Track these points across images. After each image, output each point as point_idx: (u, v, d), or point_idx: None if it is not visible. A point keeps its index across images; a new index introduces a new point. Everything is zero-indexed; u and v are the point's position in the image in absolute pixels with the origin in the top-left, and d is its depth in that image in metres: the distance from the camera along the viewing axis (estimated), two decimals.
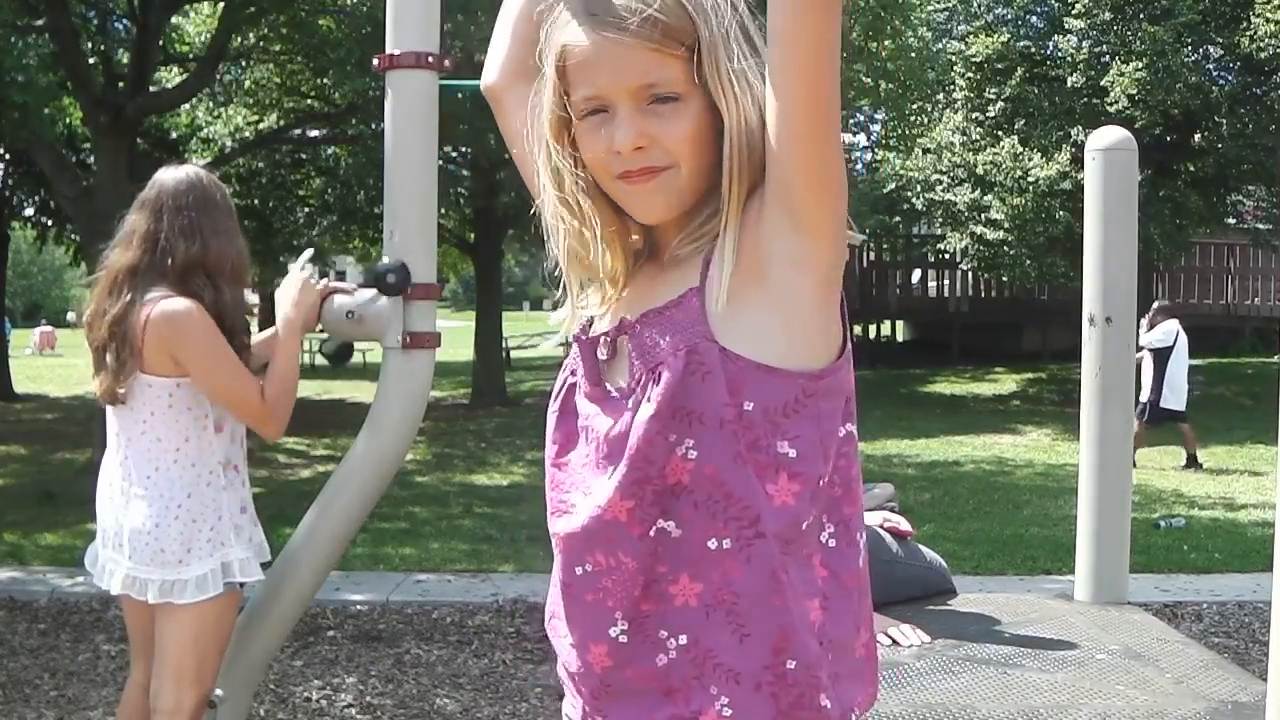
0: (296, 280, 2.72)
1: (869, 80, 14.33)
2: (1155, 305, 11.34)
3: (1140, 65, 13.35)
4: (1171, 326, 10.82)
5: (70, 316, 38.22)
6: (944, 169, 15.68)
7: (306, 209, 18.52)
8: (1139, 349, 10.61)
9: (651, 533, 1.10)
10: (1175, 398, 10.70)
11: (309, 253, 3.11)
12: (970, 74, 15.56)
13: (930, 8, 16.80)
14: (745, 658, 1.09)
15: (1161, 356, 10.72)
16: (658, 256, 1.18)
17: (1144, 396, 10.53)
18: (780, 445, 1.08)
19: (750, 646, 1.09)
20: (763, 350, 1.07)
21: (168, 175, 2.62)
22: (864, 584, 1.16)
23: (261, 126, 14.80)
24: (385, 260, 2.75)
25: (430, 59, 2.76)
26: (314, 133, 15.46)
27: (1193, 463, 10.79)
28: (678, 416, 1.07)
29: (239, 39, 12.43)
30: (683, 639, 1.11)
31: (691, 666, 1.11)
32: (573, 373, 1.19)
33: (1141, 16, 13.94)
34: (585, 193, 1.15)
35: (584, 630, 1.15)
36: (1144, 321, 10.85)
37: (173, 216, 2.55)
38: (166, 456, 2.53)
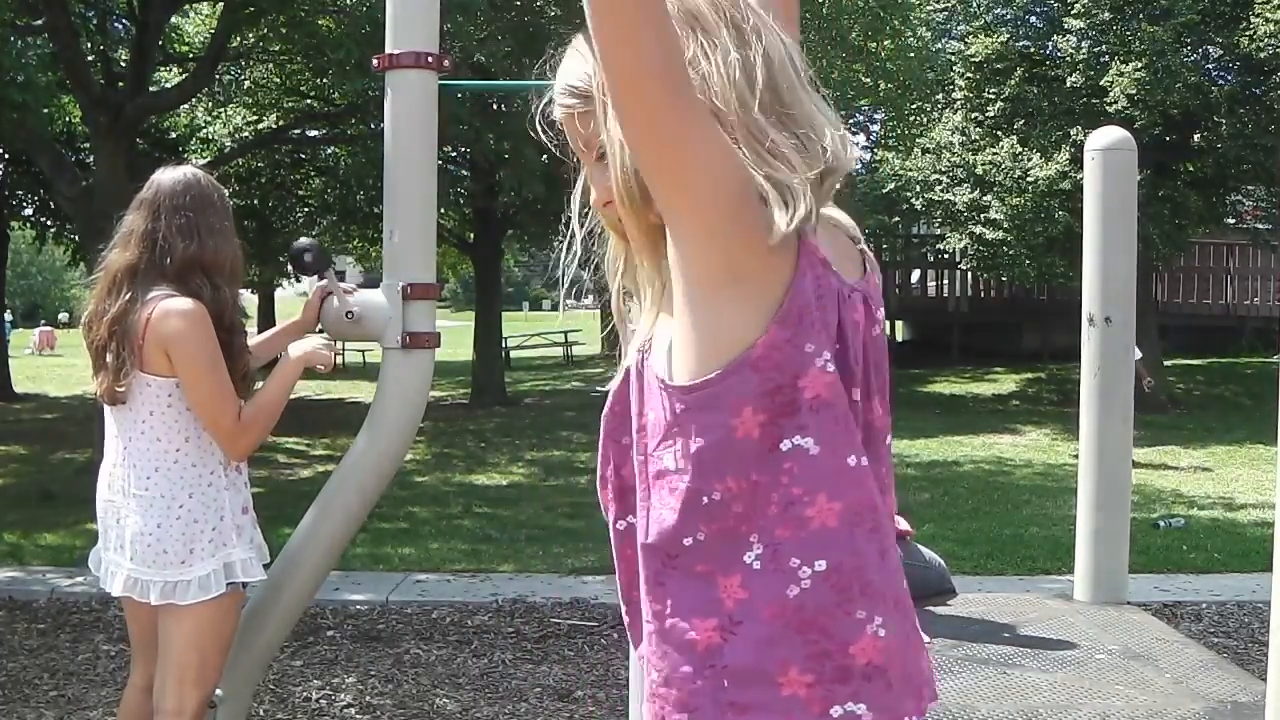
0: (323, 341, 2.80)
1: (868, 80, 14.34)
2: None
3: (1140, 65, 13.34)
4: None
5: (62, 317, 38.11)
6: (943, 169, 15.67)
7: (306, 209, 18.52)
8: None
9: (621, 526, 1.22)
10: None
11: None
12: (969, 74, 15.55)
13: (930, 8, 16.79)
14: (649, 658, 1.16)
15: None
16: None
17: None
18: (664, 458, 1.10)
19: (649, 647, 1.15)
20: (659, 363, 1.12)
21: (165, 175, 2.62)
22: (804, 618, 1.06)
23: (261, 126, 14.80)
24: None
25: (430, 59, 2.76)
26: (314, 133, 15.46)
27: None
28: (624, 422, 1.18)
29: (238, 39, 12.43)
30: (650, 627, 1.18)
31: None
32: None
33: (1141, 16, 13.93)
34: None
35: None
36: None
37: (170, 216, 2.55)
38: (167, 457, 2.52)
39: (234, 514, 2.58)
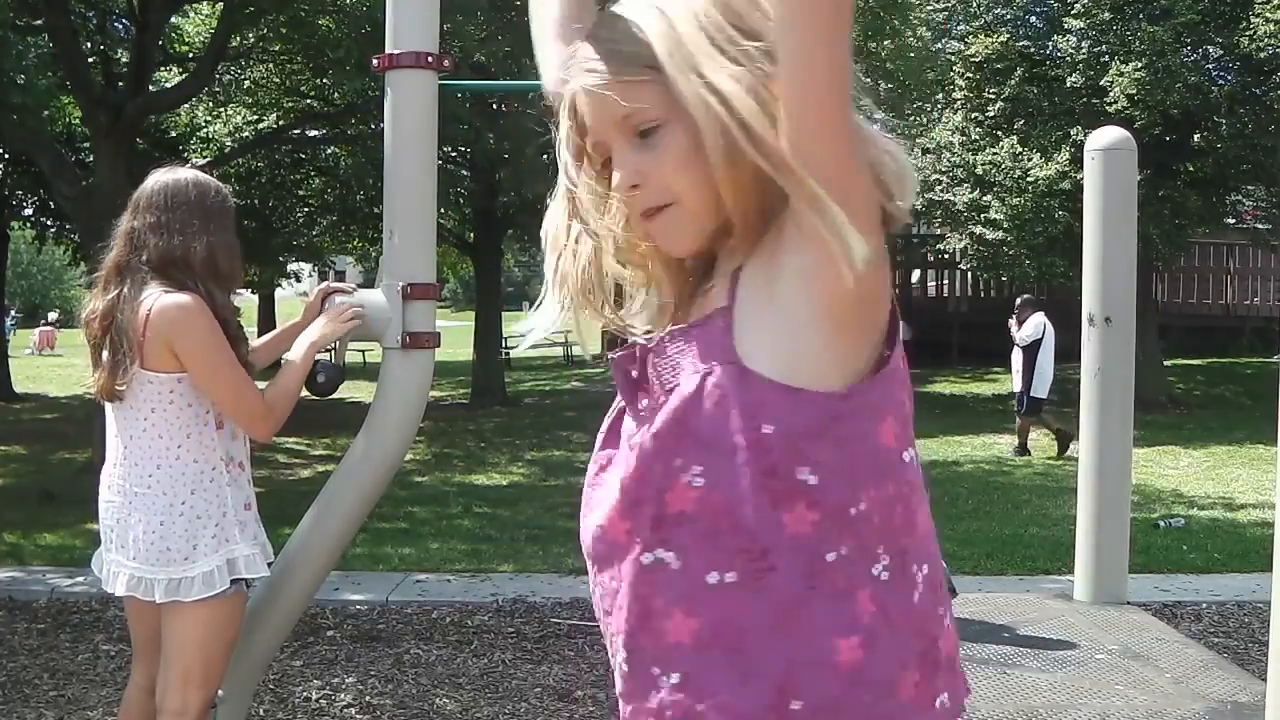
0: (336, 311, 2.78)
1: (868, 80, 14.32)
2: (1020, 300, 11.89)
3: (1140, 65, 13.33)
4: (1039, 320, 11.31)
5: (52, 315, 38.00)
6: (943, 169, 15.66)
7: (306, 209, 18.51)
8: (1012, 346, 11.41)
9: (648, 560, 1.04)
10: (1043, 387, 11.26)
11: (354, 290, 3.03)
12: (970, 74, 15.54)
13: (930, 8, 16.78)
14: (744, 698, 1.03)
15: (1031, 349, 11.23)
16: (707, 278, 1.13)
17: (1016, 388, 11.45)
18: (800, 471, 1.01)
19: (752, 686, 1.02)
20: (787, 370, 1.01)
21: (152, 176, 2.66)
22: (919, 621, 1.08)
23: (261, 126, 14.80)
24: (322, 358, 2.79)
25: (430, 59, 2.76)
26: (314, 133, 15.46)
27: (1023, 451, 11.64)
28: (685, 440, 1.02)
29: (239, 39, 12.43)
30: (675, 677, 1.05)
31: (684, 705, 1.05)
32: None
33: (1141, 16, 13.92)
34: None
35: (610, 649, 1.14)
36: (1012, 321, 11.48)
37: (144, 214, 2.58)
38: (169, 454, 2.53)
39: (236, 510, 2.59)
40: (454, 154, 15.11)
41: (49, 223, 17.23)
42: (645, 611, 1.06)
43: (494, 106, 12.96)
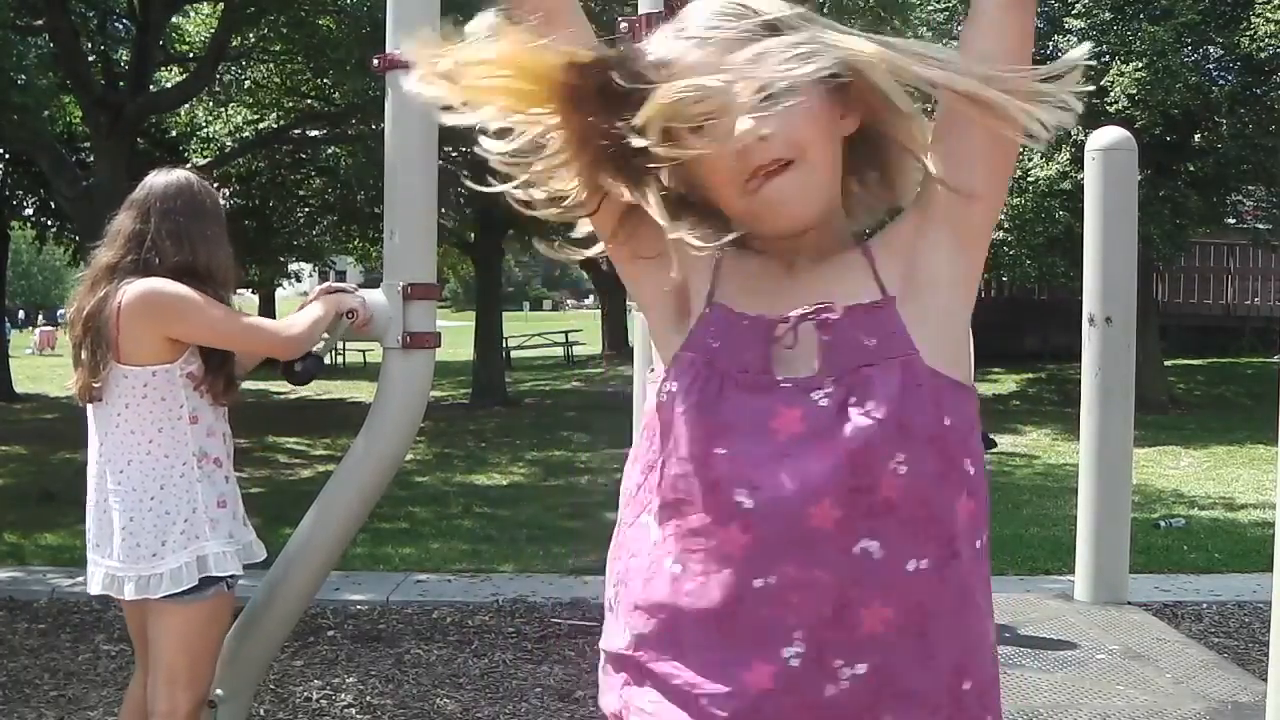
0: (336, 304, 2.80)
1: None
2: None
3: (1140, 65, 13.33)
4: None
5: (20, 315, 37.75)
6: None
7: (306, 209, 18.51)
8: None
9: (856, 551, 1.03)
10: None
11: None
12: None
13: (930, 8, 16.78)
14: (927, 679, 1.05)
15: None
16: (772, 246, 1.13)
17: None
18: (965, 463, 1.08)
19: (933, 669, 1.05)
20: (949, 363, 1.08)
21: (158, 178, 2.63)
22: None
23: (261, 126, 14.79)
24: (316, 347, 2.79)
25: None
26: (314, 133, 15.45)
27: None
28: (898, 429, 1.03)
29: (239, 39, 12.43)
30: (861, 668, 1.04)
31: (866, 696, 1.04)
32: (710, 359, 1.09)
33: (1141, 16, 13.92)
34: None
35: (748, 648, 1.05)
36: None
37: (160, 220, 2.55)
38: (140, 449, 2.51)
39: (207, 506, 2.55)
40: (454, 154, 15.10)
41: (49, 223, 17.22)
42: (843, 601, 1.03)
43: None
